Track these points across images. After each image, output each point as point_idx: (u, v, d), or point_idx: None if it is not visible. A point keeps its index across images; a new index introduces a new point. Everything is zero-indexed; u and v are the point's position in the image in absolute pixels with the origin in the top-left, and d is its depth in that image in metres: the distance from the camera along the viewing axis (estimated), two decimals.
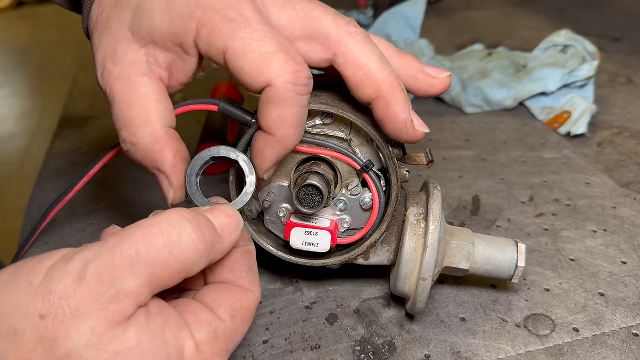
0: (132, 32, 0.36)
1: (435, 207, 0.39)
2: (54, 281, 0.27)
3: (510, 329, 0.42)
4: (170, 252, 0.28)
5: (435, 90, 0.41)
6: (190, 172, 0.37)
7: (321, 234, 0.40)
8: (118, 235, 0.29)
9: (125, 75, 0.37)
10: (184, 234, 0.29)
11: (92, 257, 0.27)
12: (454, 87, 0.75)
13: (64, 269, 0.27)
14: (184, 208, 0.31)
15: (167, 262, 0.28)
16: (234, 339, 0.33)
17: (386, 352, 0.40)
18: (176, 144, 0.37)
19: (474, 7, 1.21)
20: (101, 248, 0.28)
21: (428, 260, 0.38)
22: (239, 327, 0.33)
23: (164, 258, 0.28)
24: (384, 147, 0.39)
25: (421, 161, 0.42)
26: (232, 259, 0.35)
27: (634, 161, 0.63)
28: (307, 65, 0.34)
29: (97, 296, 0.27)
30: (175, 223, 0.29)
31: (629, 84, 0.82)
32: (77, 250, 0.28)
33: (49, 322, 0.26)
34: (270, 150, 0.35)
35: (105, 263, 0.27)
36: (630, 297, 0.44)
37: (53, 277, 0.27)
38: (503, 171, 0.62)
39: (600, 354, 0.39)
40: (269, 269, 0.48)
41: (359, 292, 0.46)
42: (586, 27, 1.03)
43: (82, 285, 0.27)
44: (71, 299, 0.26)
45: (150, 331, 0.28)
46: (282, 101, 0.33)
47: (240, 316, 0.33)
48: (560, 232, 0.52)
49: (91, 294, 0.27)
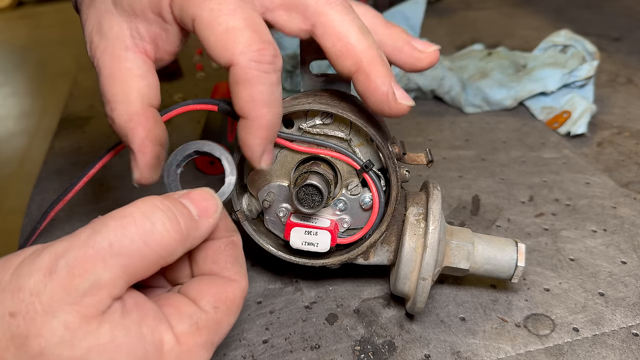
0: (115, 5, 0.36)
1: (435, 207, 0.39)
2: (23, 277, 0.26)
3: (510, 329, 0.42)
4: (144, 242, 0.28)
5: (422, 64, 0.38)
6: (171, 162, 0.36)
7: (321, 234, 0.40)
8: (90, 227, 0.28)
9: (110, 50, 0.36)
10: (158, 223, 0.29)
11: (63, 251, 0.27)
12: (454, 87, 0.75)
13: (34, 265, 0.27)
14: (158, 196, 0.30)
15: (142, 253, 0.28)
16: (218, 330, 0.32)
17: (386, 352, 0.40)
18: (151, 123, 0.37)
19: (474, 7, 1.21)
20: (72, 241, 0.27)
21: (428, 260, 0.38)
22: (223, 319, 0.33)
23: (138, 249, 0.28)
24: (384, 147, 0.39)
25: (421, 161, 0.42)
26: (216, 250, 0.35)
27: (634, 161, 0.63)
28: (274, 43, 0.33)
29: (69, 290, 0.26)
30: (149, 212, 0.29)
31: (629, 84, 0.82)
32: (47, 245, 0.28)
33: (20, 319, 0.25)
34: (251, 136, 0.34)
35: (77, 256, 0.27)
36: (630, 297, 0.44)
37: (22, 273, 0.26)
38: (503, 171, 0.62)
39: (600, 354, 0.39)
40: (269, 269, 0.48)
41: (359, 292, 0.46)
42: (586, 27, 1.03)
43: (54, 280, 0.26)
44: (42, 295, 0.26)
45: (125, 326, 0.28)
46: (248, 80, 0.32)
47: (225, 307, 0.33)
48: (560, 232, 0.52)
49: (63, 289, 0.26)
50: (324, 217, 0.41)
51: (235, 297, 0.34)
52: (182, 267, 0.36)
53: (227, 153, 0.36)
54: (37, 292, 0.26)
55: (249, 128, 0.34)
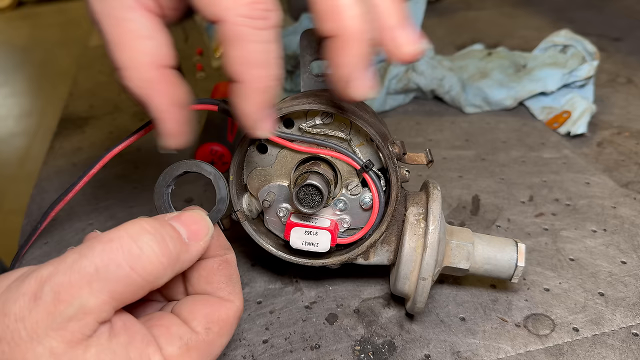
0: None
1: (435, 207, 0.39)
2: (9, 302, 0.26)
3: (510, 328, 0.42)
4: (131, 267, 0.27)
5: (396, 58, 0.33)
6: (160, 183, 0.36)
7: (321, 234, 0.40)
8: (76, 251, 0.27)
9: (112, 12, 0.33)
10: (146, 247, 0.28)
11: (49, 276, 0.26)
12: (454, 87, 0.75)
13: (19, 289, 0.26)
14: (147, 218, 0.30)
15: (128, 278, 0.27)
16: (209, 351, 0.32)
17: (386, 352, 0.40)
18: (167, 87, 0.33)
19: (474, 7, 1.21)
20: (58, 266, 0.27)
21: (428, 260, 0.38)
22: (215, 340, 0.32)
23: (125, 274, 0.27)
24: (384, 147, 0.39)
25: (421, 161, 0.42)
26: (209, 270, 0.34)
27: (634, 161, 0.63)
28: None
29: (54, 316, 0.26)
30: (137, 236, 0.28)
31: (629, 84, 0.82)
32: (34, 269, 0.27)
33: (4, 346, 0.25)
34: (245, 101, 0.31)
35: (62, 281, 0.26)
36: (630, 297, 0.44)
37: (9, 299, 0.26)
38: (503, 171, 0.62)
39: (600, 354, 0.39)
40: (269, 269, 0.48)
41: (359, 292, 0.46)
42: (586, 27, 1.03)
43: (39, 306, 0.26)
44: (27, 321, 0.25)
45: (112, 350, 0.27)
46: (238, 38, 0.30)
47: (217, 328, 0.32)
48: (560, 232, 0.52)
49: (48, 314, 0.26)
50: (324, 217, 0.41)
51: (229, 317, 0.33)
52: (176, 286, 0.36)
53: (216, 171, 0.36)
54: (22, 317, 0.25)
55: (242, 92, 0.31)
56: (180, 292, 0.36)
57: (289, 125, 0.40)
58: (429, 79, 0.76)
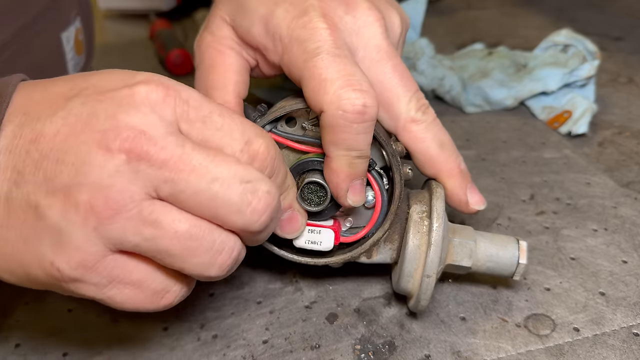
0: (232, 22, 0.41)
1: (439, 205, 0.39)
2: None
3: (510, 328, 0.42)
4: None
5: (465, 212, 0.44)
6: None
7: (325, 232, 0.40)
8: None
9: (215, 45, 0.42)
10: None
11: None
12: (455, 87, 0.75)
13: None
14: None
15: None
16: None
17: (386, 351, 0.40)
18: (240, 112, 0.41)
19: (475, 6, 1.21)
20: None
21: (432, 257, 0.38)
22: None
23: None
24: (387, 144, 0.39)
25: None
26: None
27: (635, 161, 0.63)
28: (369, 93, 0.34)
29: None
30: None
31: (630, 84, 0.82)
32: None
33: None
34: (333, 174, 0.36)
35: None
36: (631, 296, 0.44)
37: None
38: (504, 171, 0.62)
39: (600, 354, 0.39)
40: (269, 268, 0.48)
41: (360, 291, 0.46)
42: (587, 26, 1.03)
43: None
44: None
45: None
46: (332, 126, 0.34)
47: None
48: (561, 230, 0.52)
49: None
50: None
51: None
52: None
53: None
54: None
55: (330, 166, 0.36)
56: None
57: (291, 123, 0.40)
58: (429, 78, 0.76)
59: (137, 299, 0.30)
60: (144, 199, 0.27)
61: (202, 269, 0.29)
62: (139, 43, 0.99)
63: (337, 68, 0.34)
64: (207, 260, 0.29)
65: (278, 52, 0.38)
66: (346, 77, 0.34)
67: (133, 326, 0.42)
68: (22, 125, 0.28)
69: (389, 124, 0.41)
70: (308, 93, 0.35)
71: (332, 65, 0.35)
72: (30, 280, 0.29)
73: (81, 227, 0.26)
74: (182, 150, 0.28)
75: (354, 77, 0.34)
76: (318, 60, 0.35)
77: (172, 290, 0.31)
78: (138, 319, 0.43)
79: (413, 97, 0.41)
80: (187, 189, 0.27)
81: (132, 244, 0.28)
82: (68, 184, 0.27)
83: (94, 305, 0.44)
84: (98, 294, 0.29)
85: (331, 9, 0.38)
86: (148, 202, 0.27)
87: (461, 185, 0.42)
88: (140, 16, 1.10)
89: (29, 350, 0.40)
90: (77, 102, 0.28)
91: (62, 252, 0.27)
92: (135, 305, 0.30)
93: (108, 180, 0.26)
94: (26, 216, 0.27)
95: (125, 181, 0.26)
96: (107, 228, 0.27)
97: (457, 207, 0.43)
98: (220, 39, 0.41)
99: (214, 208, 0.28)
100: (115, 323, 0.42)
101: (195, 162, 0.28)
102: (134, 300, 0.30)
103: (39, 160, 0.27)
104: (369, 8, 0.40)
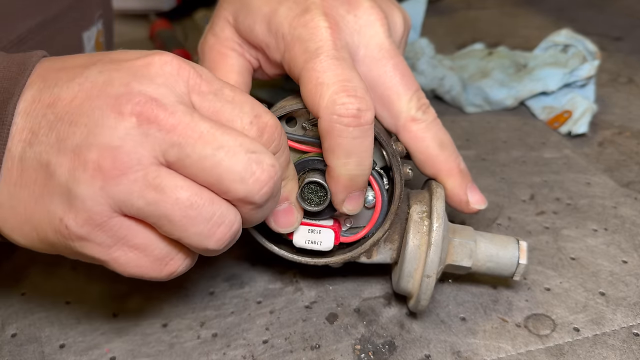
0: (235, 22, 0.41)
1: (439, 205, 0.39)
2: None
3: (510, 328, 0.42)
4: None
5: (465, 212, 0.44)
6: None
7: (325, 232, 0.40)
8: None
9: (218, 47, 0.42)
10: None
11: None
12: (455, 87, 0.75)
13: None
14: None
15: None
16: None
17: (386, 351, 0.40)
18: None
19: (475, 6, 1.21)
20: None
21: (432, 257, 0.38)
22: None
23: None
24: (388, 144, 0.39)
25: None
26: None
27: (635, 161, 0.63)
28: (365, 98, 0.34)
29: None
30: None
31: (630, 84, 0.82)
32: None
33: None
34: (332, 182, 0.36)
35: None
36: (631, 296, 0.44)
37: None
38: (504, 171, 0.62)
39: (600, 354, 0.39)
40: (269, 268, 0.48)
41: (360, 291, 0.46)
42: (587, 26, 1.03)
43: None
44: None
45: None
46: (329, 132, 0.34)
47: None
48: (561, 230, 0.52)
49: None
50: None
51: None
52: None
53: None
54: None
55: (330, 175, 0.36)
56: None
57: (291, 123, 0.40)
58: (429, 78, 0.76)
59: (141, 262, 0.30)
60: (151, 162, 0.28)
61: (200, 239, 0.29)
62: (139, 43, 0.99)
63: (334, 72, 0.35)
64: (206, 231, 0.29)
65: (280, 50, 0.38)
66: (342, 82, 0.34)
67: (132, 320, 0.42)
68: (41, 90, 0.29)
69: (389, 123, 0.41)
70: (305, 94, 0.36)
71: (329, 68, 0.35)
72: (41, 240, 0.30)
73: (89, 185, 0.27)
74: (191, 118, 0.28)
75: (350, 83, 0.35)
76: (317, 62, 0.35)
77: (176, 259, 0.31)
78: (138, 313, 0.43)
79: (414, 96, 0.41)
80: (193, 153, 0.28)
81: (135, 207, 0.28)
82: (79, 144, 0.27)
83: (92, 297, 0.44)
84: (103, 255, 0.29)
85: (333, 8, 0.38)
86: (154, 167, 0.28)
87: (461, 184, 0.42)
88: (140, 16, 1.09)
89: (25, 341, 0.40)
90: (95, 70, 0.29)
91: (71, 210, 0.27)
92: (139, 269, 0.30)
93: (118, 141, 0.27)
94: (37, 175, 0.28)
95: (135, 143, 0.27)
96: (113, 188, 0.27)
97: (458, 206, 0.43)
98: (223, 40, 0.42)
99: (217, 175, 0.29)
100: (114, 316, 0.42)
101: (203, 129, 0.28)
102: (137, 264, 0.30)
103: (53, 122, 0.28)
104: (371, 7, 0.40)
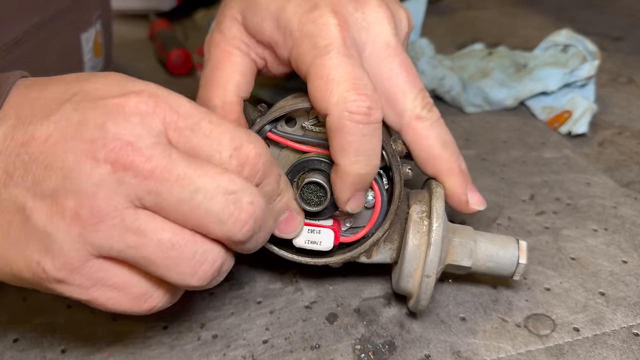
0: (243, 19, 0.41)
1: (438, 205, 0.39)
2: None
3: (510, 328, 0.42)
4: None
5: (464, 212, 0.44)
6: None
7: (324, 232, 0.40)
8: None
9: (223, 45, 0.42)
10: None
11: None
12: (455, 87, 0.75)
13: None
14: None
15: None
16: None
17: (386, 351, 0.40)
18: (239, 112, 0.41)
19: (475, 6, 1.21)
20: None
21: (432, 257, 0.38)
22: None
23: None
24: (387, 144, 0.39)
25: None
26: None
27: (635, 161, 0.63)
28: (374, 97, 0.35)
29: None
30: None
31: (630, 84, 0.82)
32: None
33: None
34: (339, 180, 0.36)
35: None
36: (631, 296, 0.44)
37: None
38: (504, 170, 0.62)
39: (600, 354, 0.39)
40: (268, 269, 0.48)
41: (360, 291, 0.46)
42: (587, 26, 1.03)
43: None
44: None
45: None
46: (339, 129, 0.34)
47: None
48: (561, 230, 0.52)
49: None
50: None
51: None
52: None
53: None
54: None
55: (337, 172, 0.36)
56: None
57: (290, 123, 0.40)
58: (429, 78, 0.76)
59: (120, 301, 0.30)
60: (127, 207, 0.28)
61: (183, 278, 0.29)
62: (139, 43, 0.99)
63: (345, 70, 0.35)
64: (189, 270, 0.29)
65: (288, 46, 0.38)
66: (353, 80, 0.34)
67: (133, 324, 0.42)
68: (14, 127, 0.28)
69: (393, 120, 0.41)
70: (313, 90, 0.35)
71: (340, 66, 0.35)
72: (16, 278, 0.30)
73: (67, 232, 0.27)
74: (168, 161, 0.28)
75: (360, 81, 0.35)
76: (327, 59, 0.35)
77: (155, 296, 0.31)
78: (138, 317, 0.43)
79: (419, 95, 0.41)
80: (170, 198, 0.28)
81: (115, 251, 0.28)
82: (55, 190, 0.27)
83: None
84: (82, 295, 0.29)
85: (342, 5, 0.38)
86: (132, 211, 0.28)
87: (461, 184, 0.42)
88: (140, 16, 1.09)
89: (27, 346, 0.40)
90: (70, 108, 0.28)
91: (48, 254, 0.28)
92: (118, 307, 0.30)
93: (93, 188, 0.27)
94: (12, 217, 0.28)
95: (110, 191, 0.27)
96: (91, 235, 0.27)
97: (457, 207, 0.43)
98: (229, 38, 0.41)
99: (197, 218, 0.29)
100: (115, 320, 0.42)
101: (180, 171, 0.28)
102: (116, 302, 0.30)
103: (28, 164, 0.28)
104: (378, 5, 0.40)
